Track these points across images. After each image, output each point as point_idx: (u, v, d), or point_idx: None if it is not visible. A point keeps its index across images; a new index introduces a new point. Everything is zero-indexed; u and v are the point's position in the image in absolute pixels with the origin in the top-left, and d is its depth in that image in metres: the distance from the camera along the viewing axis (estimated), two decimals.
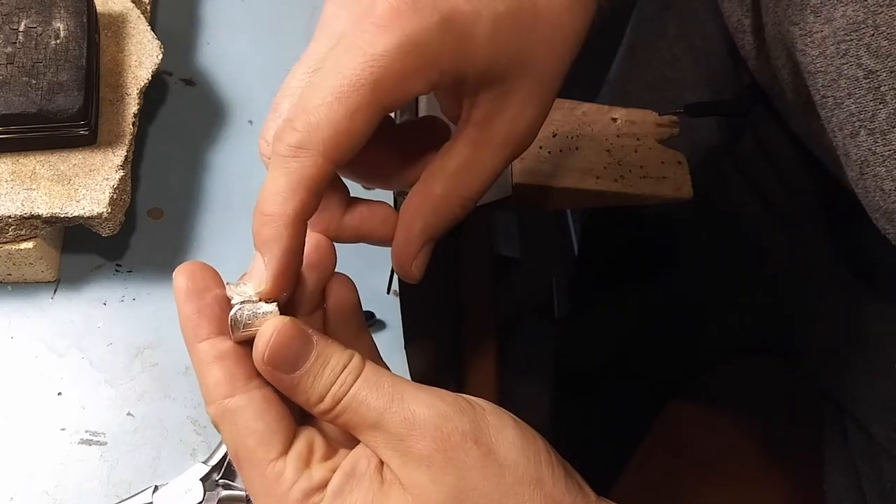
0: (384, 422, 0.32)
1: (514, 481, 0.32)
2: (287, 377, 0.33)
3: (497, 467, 0.32)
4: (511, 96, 0.37)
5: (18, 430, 0.50)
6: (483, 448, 0.32)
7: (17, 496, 0.48)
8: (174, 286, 0.35)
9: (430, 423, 0.32)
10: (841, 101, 0.46)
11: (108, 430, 0.50)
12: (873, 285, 0.65)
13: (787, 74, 0.57)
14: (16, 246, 0.50)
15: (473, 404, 0.34)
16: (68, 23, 0.51)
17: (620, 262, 0.91)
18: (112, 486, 0.49)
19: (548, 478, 0.33)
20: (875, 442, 0.65)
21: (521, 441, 0.33)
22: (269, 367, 0.33)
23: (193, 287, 0.34)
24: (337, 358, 0.34)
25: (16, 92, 0.49)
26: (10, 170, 0.50)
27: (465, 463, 0.32)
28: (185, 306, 0.34)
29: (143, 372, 0.52)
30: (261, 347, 0.33)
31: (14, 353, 0.52)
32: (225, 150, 0.61)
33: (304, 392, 0.33)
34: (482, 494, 0.32)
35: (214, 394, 0.34)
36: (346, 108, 0.33)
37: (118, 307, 0.54)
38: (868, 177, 0.46)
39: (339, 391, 0.33)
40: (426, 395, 0.33)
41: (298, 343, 0.33)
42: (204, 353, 0.34)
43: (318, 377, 0.33)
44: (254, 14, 0.68)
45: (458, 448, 0.32)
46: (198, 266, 0.35)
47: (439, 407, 0.33)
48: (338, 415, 0.33)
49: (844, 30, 0.44)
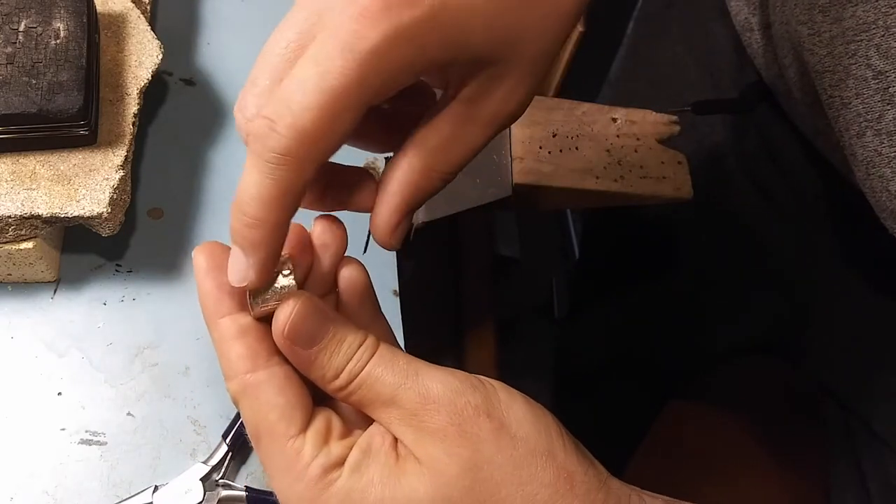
0: (398, 398, 0.33)
1: (526, 453, 0.33)
2: (304, 353, 0.33)
3: (510, 440, 0.33)
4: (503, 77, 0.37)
5: (18, 430, 0.50)
6: (496, 422, 0.33)
7: (17, 496, 0.48)
8: (194, 265, 0.35)
9: (443, 398, 0.33)
10: (848, 102, 0.46)
11: (108, 430, 0.50)
12: (879, 283, 0.65)
13: (794, 73, 0.56)
14: (16, 246, 0.50)
15: (484, 381, 0.34)
16: (68, 23, 0.51)
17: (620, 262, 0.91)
18: (112, 486, 0.49)
19: (559, 450, 0.33)
20: (879, 439, 0.65)
21: (532, 416, 0.34)
22: (289, 341, 0.33)
23: (214, 264, 0.35)
24: (353, 336, 0.34)
25: (16, 92, 0.49)
26: (10, 170, 0.50)
27: (479, 436, 0.32)
28: (205, 282, 0.35)
29: (143, 372, 0.52)
30: (281, 321, 0.33)
31: (14, 353, 0.52)
32: (225, 150, 0.61)
33: (321, 368, 0.34)
34: (496, 466, 0.32)
35: (236, 368, 0.34)
36: (332, 112, 0.32)
37: (118, 307, 0.54)
38: (874, 177, 0.46)
39: (355, 367, 0.33)
40: (439, 373, 0.34)
41: (317, 319, 0.33)
42: (226, 328, 0.34)
43: (335, 354, 0.34)
44: (254, 14, 0.68)
45: (472, 422, 0.32)
46: (217, 245, 0.35)
47: (452, 383, 0.33)
48: (352, 391, 0.34)
49: (854, 30, 0.44)
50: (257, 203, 0.32)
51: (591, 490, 0.33)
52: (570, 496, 0.33)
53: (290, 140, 0.31)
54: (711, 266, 0.79)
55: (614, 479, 0.34)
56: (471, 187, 0.60)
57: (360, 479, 0.33)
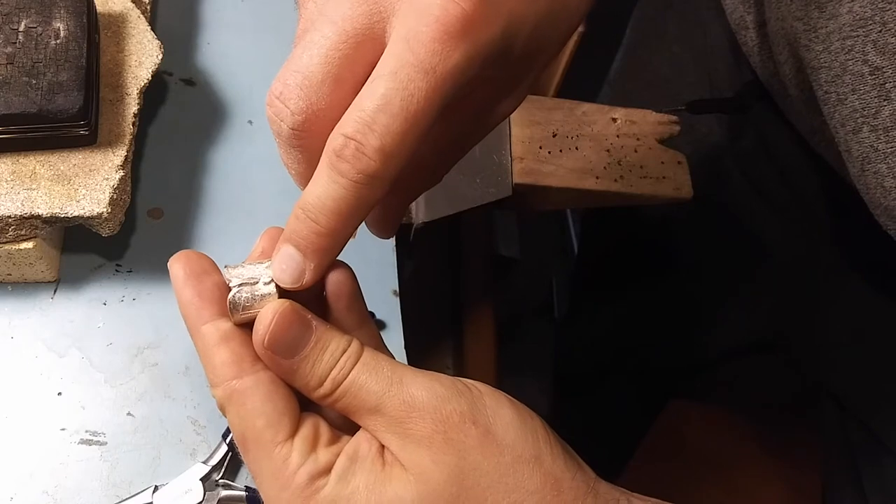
0: (383, 405, 0.33)
1: (512, 460, 0.33)
2: (286, 362, 0.33)
3: (496, 446, 0.33)
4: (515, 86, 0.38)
5: (18, 430, 0.50)
6: (481, 428, 0.33)
7: (17, 496, 0.48)
8: (171, 275, 0.35)
9: (428, 406, 0.33)
10: (844, 97, 0.46)
11: (108, 430, 0.50)
12: (876, 282, 0.66)
13: (789, 70, 0.57)
14: (16, 246, 0.50)
15: (470, 386, 0.34)
16: (68, 23, 0.51)
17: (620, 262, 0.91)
18: (112, 486, 0.49)
19: (546, 455, 0.33)
20: (877, 439, 0.65)
21: (519, 421, 0.33)
22: (269, 351, 0.33)
23: (191, 272, 0.35)
24: (336, 343, 0.34)
25: (16, 92, 0.49)
26: (10, 170, 0.50)
27: (465, 443, 0.32)
28: (184, 291, 0.34)
29: (143, 372, 0.52)
30: (261, 332, 0.33)
31: (14, 353, 0.52)
32: (225, 150, 0.61)
33: (304, 377, 0.34)
34: (482, 473, 0.32)
35: (222, 375, 0.34)
36: (416, 134, 0.32)
37: (118, 307, 0.54)
38: (869, 173, 0.46)
39: (339, 375, 0.33)
40: (424, 379, 0.33)
41: (298, 327, 0.33)
42: (208, 335, 0.34)
43: (318, 362, 0.33)
44: (254, 14, 0.68)
45: (458, 429, 0.32)
46: (192, 254, 0.35)
47: (437, 389, 0.33)
48: (337, 399, 0.34)
49: (851, 26, 0.44)
50: (334, 215, 0.32)
51: (578, 496, 0.33)
52: (558, 502, 0.33)
53: (377, 163, 0.31)
54: (710, 265, 0.79)
55: (603, 483, 0.34)
56: (471, 187, 0.60)
57: (346, 487, 0.33)
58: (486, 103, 0.38)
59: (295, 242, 0.33)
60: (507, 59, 0.35)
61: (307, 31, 0.33)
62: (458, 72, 0.31)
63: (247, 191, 0.59)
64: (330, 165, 0.32)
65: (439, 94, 0.31)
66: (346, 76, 0.33)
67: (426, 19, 0.31)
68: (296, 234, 0.33)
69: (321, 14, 0.33)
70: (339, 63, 0.33)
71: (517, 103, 0.39)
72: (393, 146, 0.31)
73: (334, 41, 0.32)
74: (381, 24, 0.33)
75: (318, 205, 0.32)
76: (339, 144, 0.31)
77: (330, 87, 0.33)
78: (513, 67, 0.36)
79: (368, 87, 0.32)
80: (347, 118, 0.32)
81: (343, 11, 0.33)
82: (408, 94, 0.31)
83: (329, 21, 0.33)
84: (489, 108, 0.39)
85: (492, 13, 0.32)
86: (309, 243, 0.33)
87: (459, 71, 0.31)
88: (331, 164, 0.32)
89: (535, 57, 0.37)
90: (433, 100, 0.31)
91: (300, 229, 0.33)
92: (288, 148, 0.34)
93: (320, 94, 0.33)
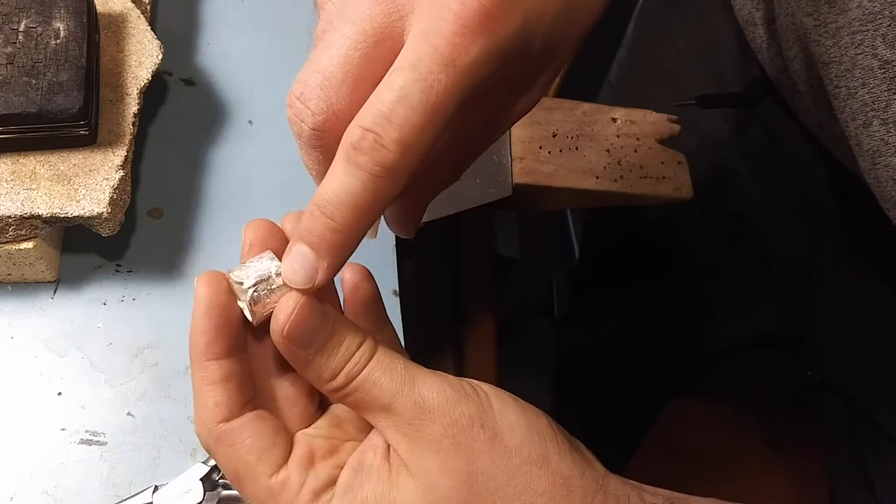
0: (395, 405, 0.33)
1: (520, 462, 0.32)
2: (302, 352, 0.33)
3: (504, 449, 0.32)
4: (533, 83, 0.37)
5: (18, 430, 0.50)
6: (490, 432, 0.33)
7: (17, 496, 0.48)
8: (196, 294, 0.34)
9: (439, 409, 0.32)
10: (854, 91, 0.46)
11: (108, 430, 0.50)
12: (884, 278, 0.65)
13: (799, 66, 0.57)
14: (16, 246, 0.50)
15: (476, 388, 0.34)
16: (68, 23, 0.51)
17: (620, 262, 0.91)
18: (112, 486, 0.49)
19: (553, 455, 0.33)
20: (884, 434, 0.65)
21: (525, 421, 0.33)
22: (287, 341, 0.33)
23: (216, 301, 0.34)
24: (352, 337, 0.34)
25: (16, 92, 0.49)
26: (10, 170, 0.50)
27: (473, 448, 0.32)
28: (203, 320, 0.34)
29: (143, 372, 0.52)
30: (281, 320, 0.33)
31: (14, 353, 0.52)
32: (225, 150, 0.61)
33: (318, 368, 0.34)
34: (491, 478, 0.32)
35: (212, 416, 0.34)
36: (436, 126, 0.31)
37: (118, 307, 0.54)
38: (880, 167, 0.46)
39: (353, 370, 0.33)
40: (435, 380, 0.33)
41: (317, 319, 0.33)
42: (212, 371, 0.34)
43: (333, 355, 0.33)
44: (254, 14, 0.68)
45: (466, 433, 0.32)
46: (222, 279, 0.35)
47: (447, 392, 0.33)
48: (349, 393, 0.33)
49: (860, 20, 0.44)
50: (350, 211, 0.32)
51: (587, 494, 0.33)
52: (567, 502, 0.32)
53: (396, 155, 0.31)
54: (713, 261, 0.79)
55: (612, 478, 0.34)
56: (471, 187, 0.60)
57: (353, 499, 0.33)
58: (504, 100, 0.38)
59: (308, 241, 0.32)
60: (526, 56, 0.34)
61: (326, 32, 0.33)
62: (478, 65, 0.31)
63: (247, 191, 0.59)
64: (347, 159, 0.31)
65: (459, 88, 0.31)
66: (365, 75, 0.32)
67: (445, 14, 0.31)
68: (309, 232, 0.32)
69: (340, 14, 0.33)
70: (359, 63, 0.32)
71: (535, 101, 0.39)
72: (412, 138, 0.31)
73: (353, 41, 0.32)
74: (399, 23, 0.32)
75: (334, 199, 0.32)
76: (357, 137, 0.31)
77: (350, 87, 0.32)
78: (531, 64, 0.36)
79: (387, 80, 0.31)
80: (366, 111, 0.31)
81: (362, 11, 0.32)
82: (427, 86, 0.31)
83: (348, 21, 0.32)
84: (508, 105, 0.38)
85: (510, 8, 0.32)
86: (323, 240, 0.32)
87: (479, 65, 0.31)
88: (348, 157, 0.31)
89: (553, 54, 0.37)
90: (453, 93, 0.31)
91: (314, 226, 0.32)
92: (308, 149, 0.34)
93: (340, 94, 0.32)
